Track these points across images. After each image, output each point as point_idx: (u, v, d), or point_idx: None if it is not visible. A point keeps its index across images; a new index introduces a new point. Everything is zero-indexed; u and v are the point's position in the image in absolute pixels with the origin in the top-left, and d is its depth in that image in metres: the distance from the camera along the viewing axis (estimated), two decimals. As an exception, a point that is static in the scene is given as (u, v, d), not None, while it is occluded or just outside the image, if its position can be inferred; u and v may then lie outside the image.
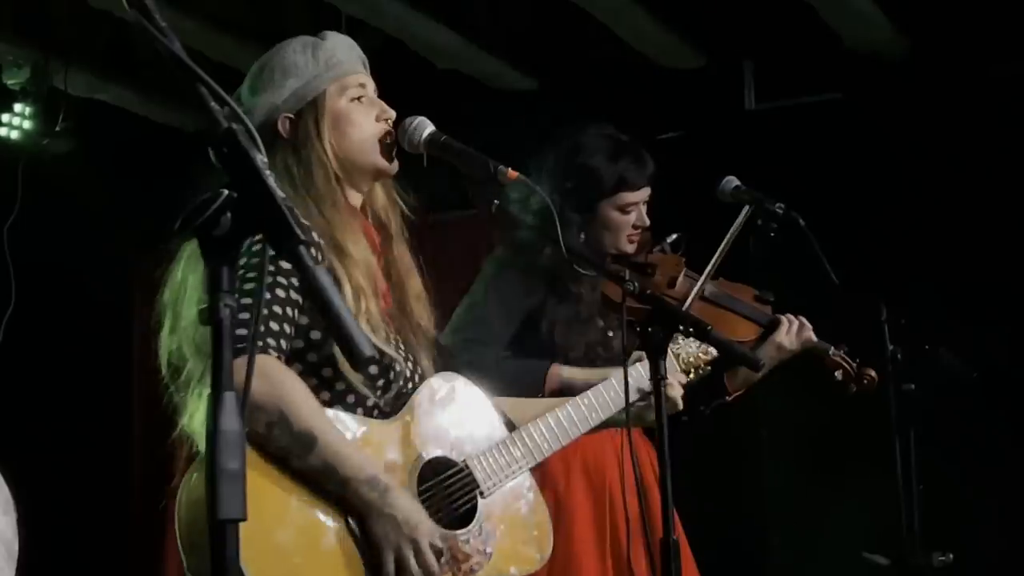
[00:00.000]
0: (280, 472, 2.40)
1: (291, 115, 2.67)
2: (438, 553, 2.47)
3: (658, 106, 3.97)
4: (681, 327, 2.71)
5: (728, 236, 3.67)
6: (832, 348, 3.75)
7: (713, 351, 3.15)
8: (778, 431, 5.48)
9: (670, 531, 2.56)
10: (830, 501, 5.38)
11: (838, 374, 3.74)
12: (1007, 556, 5.12)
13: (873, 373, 3.75)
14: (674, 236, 3.84)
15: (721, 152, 3.95)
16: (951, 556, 3.65)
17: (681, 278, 3.75)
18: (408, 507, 2.46)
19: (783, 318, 3.76)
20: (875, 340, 3.80)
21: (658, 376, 2.65)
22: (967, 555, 3.77)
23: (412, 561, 2.44)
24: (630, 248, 3.77)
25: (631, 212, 3.74)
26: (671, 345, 3.12)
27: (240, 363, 1.60)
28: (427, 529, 2.47)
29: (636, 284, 2.72)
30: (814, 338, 3.75)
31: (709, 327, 2.77)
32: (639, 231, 3.77)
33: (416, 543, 2.44)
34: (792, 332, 3.74)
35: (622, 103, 5.47)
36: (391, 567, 2.43)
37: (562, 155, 3.78)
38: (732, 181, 3.83)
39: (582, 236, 3.72)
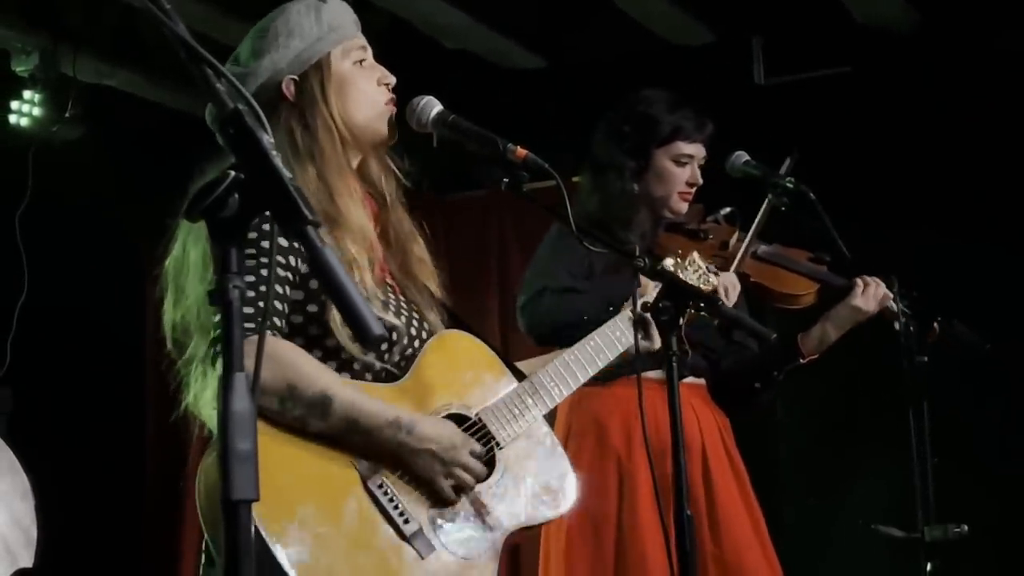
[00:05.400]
0: (299, 444, 2.42)
1: (295, 77, 2.65)
2: (480, 456, 2.57)
3: (667, 83, 3.95)
4: (692, 303, 2.71)
5: (765, 202, 3.73)
6: (903, 316, 3.73)
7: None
8: (792, 404, 5.47)
9: (683, 505, 2.56)
10: (844, 474, 5.38)
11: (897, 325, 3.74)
12: (1022, 528, 5.11)
13: (936, 326, 3.75)
14: (727, 210, 3.85)
15: (731, 127, 3.94)
16: (966, 528, 3.64)
17: (733, 241, 3.77)
18: (437, 433, 2.53)
19: (859, 280, 3.76)
20: (887, 313, 3.80)
21: (671, 352, 2.65)
22: (982, 527, 3.76)
23: (465, 477, 2.54)
24: (683, 207, 3.78)
25: (685, 165, 3.76)
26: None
27: (249, 343, 1.61)
28: (462, 441, 2.55)
29: (647, 261, 2.72)
30: (891, 299, 3.74)
31: (719, 301, 2.77)
32: (692, 190, 3.78)
33: (461, 463, 2.53)
34: (869, 294, 3.74)
35: (631, 80, 5.46)
36: (451, 492, 2.54)
37: (623, 103, 3.82)
38: (742, 156, 3.84)
39: (635, 187, 3.74)
